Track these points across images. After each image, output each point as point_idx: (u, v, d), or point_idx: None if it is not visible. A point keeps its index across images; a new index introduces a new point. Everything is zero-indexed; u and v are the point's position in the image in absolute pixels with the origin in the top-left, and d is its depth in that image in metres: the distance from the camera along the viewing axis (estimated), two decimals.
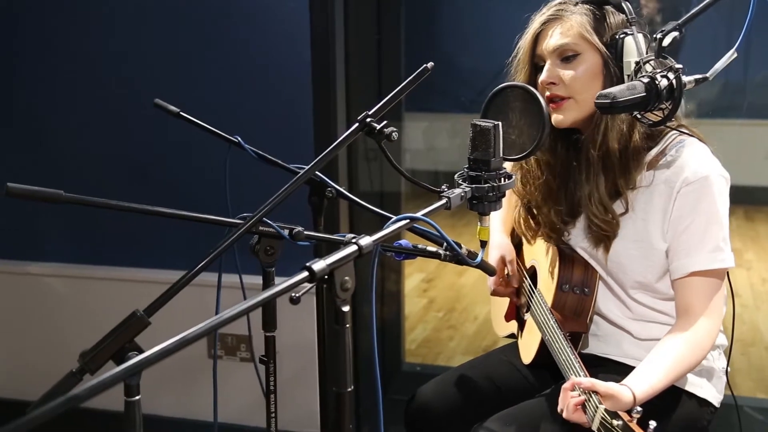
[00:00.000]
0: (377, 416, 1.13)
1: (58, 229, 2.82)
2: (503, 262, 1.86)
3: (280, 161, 1.59)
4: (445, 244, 1.28)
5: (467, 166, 1.25)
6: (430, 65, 1.35)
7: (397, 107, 1.59)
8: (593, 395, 1.37)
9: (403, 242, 1.44)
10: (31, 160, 2.78)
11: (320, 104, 2.48)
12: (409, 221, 1.13)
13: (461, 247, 1.27)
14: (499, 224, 1.91)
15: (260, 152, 1.60)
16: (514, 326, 1.92)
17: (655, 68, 1.37)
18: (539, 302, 1.71)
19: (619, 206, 1.59)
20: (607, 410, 1.32)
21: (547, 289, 1.70)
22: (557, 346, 1.59)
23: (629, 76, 1.45)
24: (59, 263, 2.83)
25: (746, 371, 3.15)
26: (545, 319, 1.65)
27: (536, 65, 1.62)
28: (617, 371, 1.56)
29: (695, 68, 1.38)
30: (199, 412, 2.73)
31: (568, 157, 1.66)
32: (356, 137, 1.34)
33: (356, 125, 1.33)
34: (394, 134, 1.32)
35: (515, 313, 1.92)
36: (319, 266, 0.98)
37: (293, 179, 1.30)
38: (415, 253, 1.42)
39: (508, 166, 1.43)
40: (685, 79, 1.34)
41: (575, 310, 1.65)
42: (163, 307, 1.21)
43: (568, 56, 1.56)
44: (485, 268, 1.54)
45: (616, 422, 1.28)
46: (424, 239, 1.39)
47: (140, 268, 2.74)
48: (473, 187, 1.22)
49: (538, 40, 1.60)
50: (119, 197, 1.30)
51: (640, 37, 1.47)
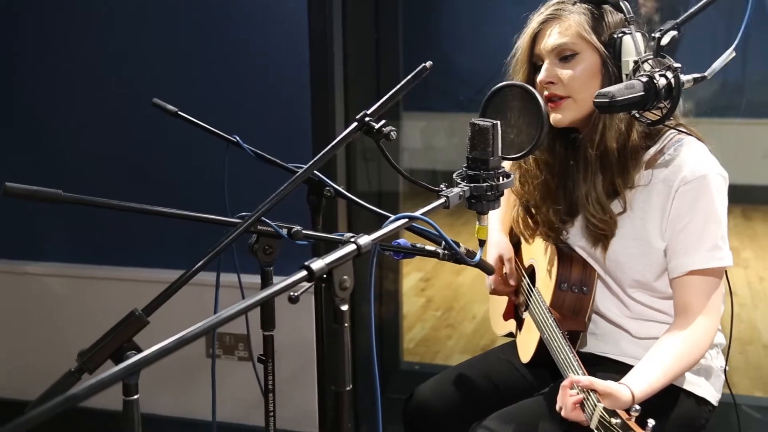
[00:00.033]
0: (376, 415, 1.13)
1: (57, 228, 2.82)
2: (502, 260, 1.86)
3: (278, 160, 1.59)
4: (443, 243, 1.27)
5: (466, 165, 1.25)
6: (428, 64, 1.35)
7: (395, 106, 1.59)
8: (592, 394, 1.37)
9: (401, 241, 1.45)
10: (31, 160, 2.78)
11: (319, 104, 2.49)
12: (407, 220, 1.13)
13: (460, 246, 1.27)
14: (497, 223, 1.91)
15: (259, 152, 1.60)
16: (512, 325, 1.92)
17: (653, 67, 1.37)
18: (538, 301, 1.71)
19: (617, 205, 1.59)
20: (605, 409, 1.32)
21: (545, 287, 1.70)
22: (556, 344, 1.59)
23: (628, 75, 1.45)
24: (59, 263, 2.83)
25: (744, 370, 3.15)
26: (544, 317, 1.65)
27: (535, 65, 1.62)
28: (616, 370, 1.56)
29: (693, 67, 1.38)
30: (197, 411, 2.73)
31: (566, 156, 1.66)
32: (355, 136, 1.34)
33: (355, 124, 1.33)
34: (392, 133, 1.32)
35: (514, 311, 1.92)
36: (317, 265, 0.98)
37: (292, 178, 1.30)
38: (413, 252, 1.42)
39: (506, 165, 1.43)
40: (683, 78, 1.34)
41: (574, 308, 1.65)
42: (161, 306, 1.22)
43: (566, 56, 1.56)
44: (484, 267, 1.54)
45: (614, 421, 1.29)
46: (422, 238, 1.39)
47: (140, 267, 2.74)
48: (472, 186, 1.22)
49: (536, 39, 1.60)
50: (119, 197, 1.30)
51: (638, 36, 1.47)
